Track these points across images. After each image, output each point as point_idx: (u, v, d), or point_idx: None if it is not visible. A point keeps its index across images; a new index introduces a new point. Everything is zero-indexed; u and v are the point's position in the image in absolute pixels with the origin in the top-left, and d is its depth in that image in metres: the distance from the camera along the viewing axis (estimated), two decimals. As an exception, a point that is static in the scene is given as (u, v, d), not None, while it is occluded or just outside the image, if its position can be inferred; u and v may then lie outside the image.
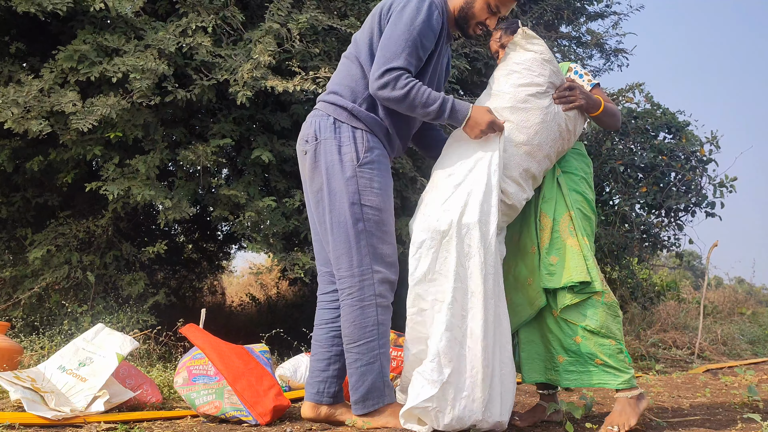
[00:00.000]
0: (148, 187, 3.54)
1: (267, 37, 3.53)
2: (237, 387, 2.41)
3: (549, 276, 2.34)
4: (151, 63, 3.34)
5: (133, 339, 2.67)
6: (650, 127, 6.12)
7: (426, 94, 2.18)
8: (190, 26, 3.52)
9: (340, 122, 2.26)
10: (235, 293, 8.28)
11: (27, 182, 4.22)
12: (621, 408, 2.29)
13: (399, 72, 2.16)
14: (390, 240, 2.27)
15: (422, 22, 2.18)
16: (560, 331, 2.36)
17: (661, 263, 7.86)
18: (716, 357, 5.61)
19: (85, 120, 3.30)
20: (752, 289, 12.77)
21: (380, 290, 2.21)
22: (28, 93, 3.30)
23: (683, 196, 6.00)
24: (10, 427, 2.19)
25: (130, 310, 3.90)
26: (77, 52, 3.37)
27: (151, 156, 3.64)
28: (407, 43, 2.17)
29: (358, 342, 2.21)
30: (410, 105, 2.18)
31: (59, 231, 3.99)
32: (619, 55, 6.05)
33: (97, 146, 3.61)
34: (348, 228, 2.21)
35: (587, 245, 2.33)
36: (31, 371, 2.59)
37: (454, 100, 2.22)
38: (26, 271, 3.97)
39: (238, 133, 3.92)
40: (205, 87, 3.59)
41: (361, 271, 2.20)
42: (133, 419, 2.41)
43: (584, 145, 2.59)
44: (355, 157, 2.22)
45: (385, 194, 2.26)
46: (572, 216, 2.37)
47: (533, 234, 2.43)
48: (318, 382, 2.34)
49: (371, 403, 2.21)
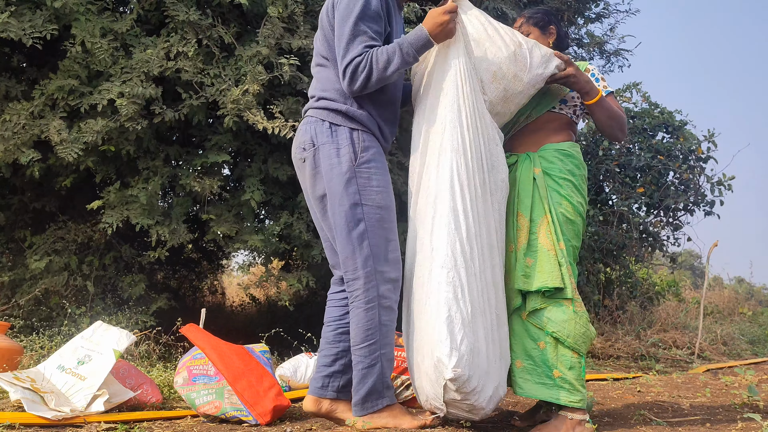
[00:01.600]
0: (147, 213, 3.55)
1: (257, 66, 3.48)
2: (237, 387, 2.41)
3: (524, 278, 2.30)
4: (137, 88, 3.33)
5: (129, 333, 2.66)
6: (648, 126, 6.13)
7: (384, 53, 2.19)
8: (172, 50, 3.48)
9: (336, 125, 2.28)
10: (235, 293, 8.27)
11: (25, 185, 4.21)
12: (556, 425, 2.23)
13: (352, 60, 2.19)
14: (392, 237, 2.28)
15: (360, 10, 2.22)
16: (525, 334, 2.30)
17: (661, 263, 7.85)
18: (716, 357, 5.62)
19: (71, 148, 3.31)
20: (752, 289, 12.78)
21: (383, 291, 2.22)
22: (17, 123, 3.32)
23: (682, 195, 6.01)
24: (10, 427, 2.19)
25: (130, 311, 3.90)
26: (66, 86, 3.38)
27: (152, 182, 3.63)
28: (352, 33, 2.21)
29: (361, 344, 2.22)
30: (380, 73, 2.20)
31: (58, 235, 3.98)
32: (619, 55, 6.04)
33: (90, 158, 3.60)
34: (351, 230, 2.22)
35: (562, 251, 2.28)
36: (30, 371, 2.59)
37: (405, 37, 2.23)
38: (25, 275, 3.97)
39: (236, 146, 3.92)
40: (194, 106, 3.57)
41: (366, 273, 2.21)
42: (133, 419, 2.41)
43: (581, 146, 2.55)
44: (353, 158, 2.23)
45: (385, 191, 2.28)
46: (549, 220, 2.32)
47: (511, 233, 2.38)
48: (323, 376, 2.35)
49: (370, 405, 2.22)
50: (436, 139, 2.24)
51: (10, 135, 3.30)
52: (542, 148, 2.44)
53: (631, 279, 6.28)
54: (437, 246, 2.14)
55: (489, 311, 2.16)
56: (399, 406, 2.26)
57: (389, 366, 2.25)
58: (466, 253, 2.12)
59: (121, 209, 3.56)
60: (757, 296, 12.35)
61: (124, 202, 3.61)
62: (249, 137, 4.08)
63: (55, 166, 3.81)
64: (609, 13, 6.02)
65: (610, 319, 5.79)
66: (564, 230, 2.34)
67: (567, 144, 2.44)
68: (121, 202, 3.61)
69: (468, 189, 2.17)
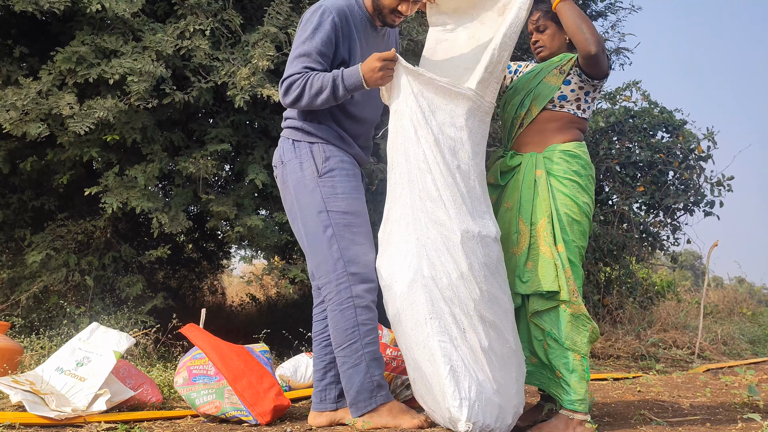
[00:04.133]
0: (146, 198, 3.54)
1: (265, 41, 3.52)
2: (237, 387, 2.41)
3: (521, 282, 2.32)
4: (148, 65, 3.34)
5: (129, 336, 2.67)
6: (647, 125, 6.13)
7: (319, 80, 2.22)
8: (188, 29, 3.51)
9: (297, 141, 2.37)
10: (235, 293, 8.27)
11: (24, 184, 4.21)
12: (557, 424, 2.25)
13: (291, 77, 2.25)
14: (362, 240, 2.30)
15: (313, 31, 2.28)
16: (531, 334, 2.35)
17: (661, 263, 7.85)
18: (716, 357, 5.62)
19: (83, 123, 3.30)
20: (752, 289, 12.78)
21: (357, 291, 2.24)
22: (27, 95, 3.30)
23: (681, 194, 6.01)
24: (11, 426, 2.19)
25: (129, 311, 3.89)
26: (75, 54, 3.37)
27: (150, 166, 3.63)
28: (300, 51, 2.27)
29: (342, 345, 2.25)
30: (309, 96, 2.24)
31: (57, 233, 3.98)
32: (620, 53, 6.03)
33: (95, 148, 3.60)
34: (319, 236, 2.29)
35: (561, 254, 2.28)
36: (29, 375, 2.60)
37: (343, 69, 2.25)
38: (24, 273, 3.97)
39: (236, 139, 3.92)
40: (203, 89, 3.59)
41: (337, 275, 2.26)
42: (134, 419, 2.42)
43: (584, 146, 2.51)
44: (315, 170, 2.32)
45: (351, 197, 2.32)
46: (547, 221, 2.31)
47: (513, 237, 2.39)
48: (318, 391, 2.40)
49: (363, 404, 2.24)
50: (396, 178, 2.22)
51: (21, 105, 3.28)
52: (547, 148, 2.42)
53: (631, 279, 6.28)
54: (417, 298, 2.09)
55: (486, 335, 2.12)
56: (398, 404, 2.26)
57: (376, 364, 2.25)
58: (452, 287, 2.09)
59: (120, 191, 3.56)
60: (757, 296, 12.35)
61: (123, 186, 3.61)
62: (249, 131, 4.09)
63: (53, 162, 3.80)
64: (613, 9, 5.99)
65: (610, 319, 5.79)
66: (568, 230, 2.33)
67: (573, 144, 2.42)
68: (120, 186, 3.61)
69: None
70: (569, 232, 2.33)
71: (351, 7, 2.37)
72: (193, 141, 4.03)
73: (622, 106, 6.23)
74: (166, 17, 3.82)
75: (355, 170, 2.40)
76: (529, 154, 2.44)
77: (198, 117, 4.17)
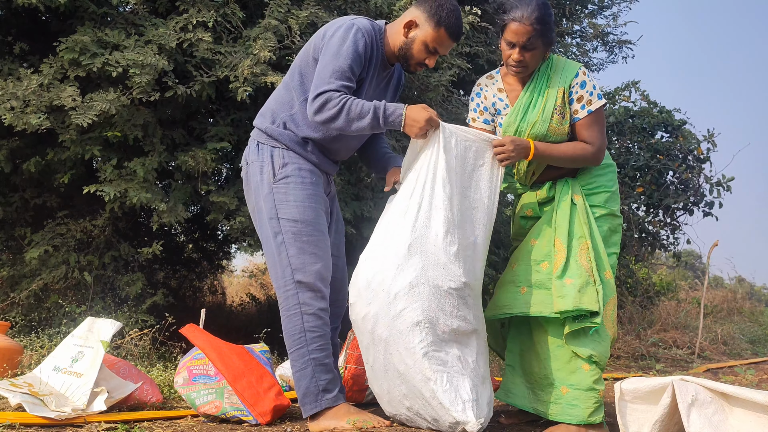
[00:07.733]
0: (145, 190, 3.54)
1: (266, 33, 3.53)
2: (237, 387, 2.41)
3: (560, 299, 2.26)
4: (151, 58, 3.34)
5: (114, 321, 2.65)
6: (647, 126, 6.13)
7: (359, 106, 2.20)
8: (191, 21, 3.51)
9: (262, 144, 2.41)
10: (235, 293, 8.26)
11: (25, 182, 4.21)
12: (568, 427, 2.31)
13: (329, 93, 2.22)
14: (311, 249, 2.32)
15: (348, 47, 2.25)
16: (566, 358, 2.35)
17: (661, 262, 7.86)
18: (716, 356, 5.62)
19: (85, 115, 3.29)
20: (752, 288, 12.78)
21: (304, 298, 2.29)
22: (27, 87, 3.29)
23: (681, 194, 6.01)
24: (11, 427, 2.19)
25: (129, 310, 3.89)
26: (78, 44, 3.36)
27: (149, 159, 3.64)
28: (335, 67, 2.24)
29: (291, 350, 2.33)
30: (346, 121, 2.21)
31: (57, 231, 3.98)
32: (623, 46, 6.00)
33: (96, 146, 3.60)
34: (270, 242, 2.34)
35: (603, 277, 2.30)
36: (27, 377, 2.60)
37: (386, 104, 2.23)
38: (24, 271, 3.97)
39: (236, 137, 3.92)
40: (205, 83, 3.59)
41: (284, 282, 2.31)
42: (134, 419, 2.41)
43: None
44: (272, 175, 2.35)
45: (303, 205, 2.33)
46: (590, 245, 2.30)
47: (548, 252, 2.37)
48: None
49: (309, 407, 2.29)
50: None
51: (22, 96, 3.27)
52: (581, 171, 2.44)
53: (631, 279, 6.28)
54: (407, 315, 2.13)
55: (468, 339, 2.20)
56: (346, 407, 2.30)
57: (322, 369, 2.30)
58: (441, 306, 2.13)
59: (119, 183, 3.57)
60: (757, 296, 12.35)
61: (121, 179, 3.61)
62: (250, 128, 4.08)
63: (54, 162, 3.80)
64: (612, 3, 5.97)
65: (610, 318, 5.78)
66: (608, 243, 2.38)
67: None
68: (119, 178, 3.61)
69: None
70: (610, 244, 2.40)
71: (376, 39, 2.36)
72: (193, 138, 4.03)
73: (621, 106, 6.24)
74: (167, 14, 3.82)
75: (314, 178, 2.40)
76: (563, 180, 2.43)
77: (198, 117, 4.17)
